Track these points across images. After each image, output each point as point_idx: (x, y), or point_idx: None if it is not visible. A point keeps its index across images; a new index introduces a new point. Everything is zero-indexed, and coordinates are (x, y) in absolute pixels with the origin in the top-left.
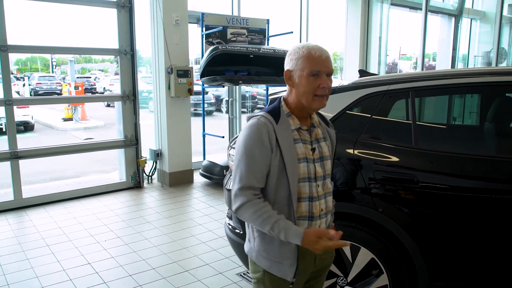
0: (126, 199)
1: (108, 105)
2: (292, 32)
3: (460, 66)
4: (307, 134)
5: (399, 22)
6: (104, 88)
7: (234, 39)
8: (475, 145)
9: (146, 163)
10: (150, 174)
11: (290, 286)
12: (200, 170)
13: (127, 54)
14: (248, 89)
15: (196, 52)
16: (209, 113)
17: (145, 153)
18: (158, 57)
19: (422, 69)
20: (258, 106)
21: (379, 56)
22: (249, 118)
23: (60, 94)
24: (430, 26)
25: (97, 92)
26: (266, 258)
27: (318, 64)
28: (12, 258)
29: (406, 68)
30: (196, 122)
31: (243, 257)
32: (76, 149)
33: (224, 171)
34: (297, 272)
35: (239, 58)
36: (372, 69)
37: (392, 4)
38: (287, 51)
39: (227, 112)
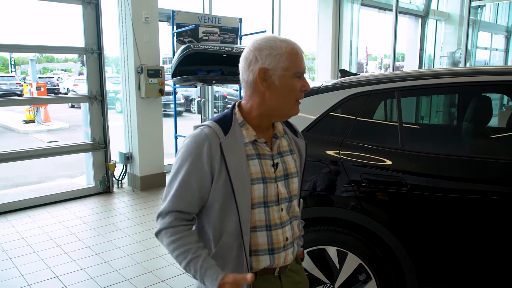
0: (95, 206)
1: (73, 106)
2: (265, 31)
3: (426, 66)
4: (266, 147)
5: (367, 23)
6: (67, 88)
7: (206, 38)
8: (465, 146)
9: (115, 166)
10: (120, 179)
11: None
12: None
13: (94, 53)
14: (218, 89)
15: (166, 51)
16: (179, 113)
17: (114, 156)
18: (127, 56)
19: (393, 70)
20: (228, 106)
21: (350, 56)
22: (195, 128)
23: (21, 95)
24: (398, 27)
25: (60, 93)
26: None
27: (302, 63)
28: None
29: (372, 68)
30: (166, 123)
31: None
32: (40, 153)
33: None
34: None
35: (212, 57)
36: (345, 68)
37: (362, 4)
38: None
39: (199, 112)
